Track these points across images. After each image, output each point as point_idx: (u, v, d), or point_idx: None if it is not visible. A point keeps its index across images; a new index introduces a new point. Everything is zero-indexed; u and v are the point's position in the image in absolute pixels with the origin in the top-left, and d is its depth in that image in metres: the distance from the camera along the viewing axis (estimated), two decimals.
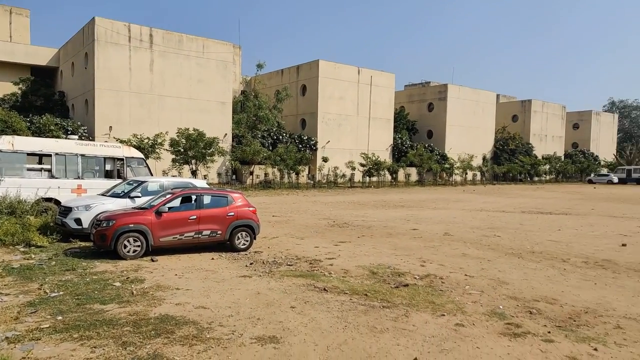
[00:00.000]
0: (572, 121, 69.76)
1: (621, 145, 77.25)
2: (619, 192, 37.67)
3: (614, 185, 51.92)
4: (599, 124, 71.27)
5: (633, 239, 12.63)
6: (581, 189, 41.37)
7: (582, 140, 69.79)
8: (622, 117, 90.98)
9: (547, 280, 8.07)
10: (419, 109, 54.02)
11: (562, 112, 65.42)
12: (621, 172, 56.88)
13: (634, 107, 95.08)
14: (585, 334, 5.48)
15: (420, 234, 13.32)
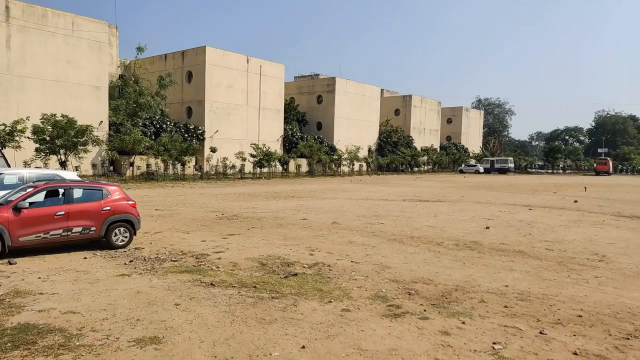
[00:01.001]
0: (446, 116, 76.80)
1: (486, 139, 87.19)
2: (484, 180, 42.54)
3: (481, 174, 58.54)
4: (468, 119, 79.50)
5: (495, 222, 14.34)
6: (454, 178, 45.88)
7: (455, 133, 77.29)
8: (487, 114, 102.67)
9: (424, 263, 8.79)
10: (309, 101, 55.11)
11: (437, 107, 71.66)
12: (486, 162, 64.34)
13: (497, 105, 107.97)
14: (455, 309, 6.07)
15: (310, 223, 13.62)
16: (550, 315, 5.90)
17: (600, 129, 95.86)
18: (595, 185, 36.45)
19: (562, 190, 29.61)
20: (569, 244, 10.88)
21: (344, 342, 4.91)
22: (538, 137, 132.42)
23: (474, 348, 4.81)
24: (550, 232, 12.58)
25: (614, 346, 4.95)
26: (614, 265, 8.87)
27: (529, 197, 24.03)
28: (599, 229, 13.39)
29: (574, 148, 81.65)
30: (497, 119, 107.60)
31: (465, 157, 69.14)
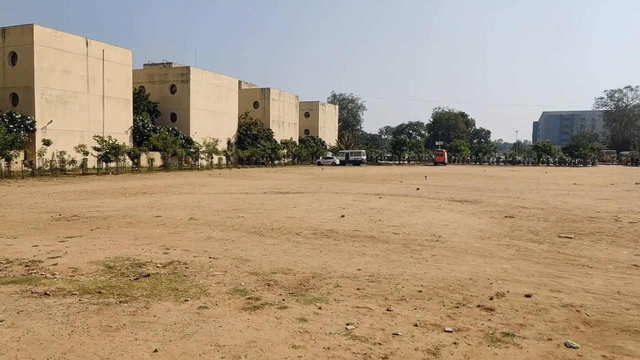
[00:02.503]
0: (304, 110, 79.51)
1: (341, 132, 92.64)
2: (340, 172, 45.20)
3: (337, 166, 62.06)
4: (325, 114, 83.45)
5: (349, 211, 15.33)
6: (312, 170, 47.83)
7: (313, 127, 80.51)
8: (342, 109, 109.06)
9: (284, 253, 8.99)
10: (161, 91, 52.04)
11: (296, 101, 73.75)
12: (342, 155, 68.44)
13: (350, 100, 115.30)
14: (313, 296, 6.33)
15: (164, 220, 12.91)
16: (396, 293, 6.52)
17: (437, 124, 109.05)
18: (434, 174, 41.42)
19: (406, 180, 32.98)
20: (412, 228, 12.16)
21: (200, 341, 4.76)
22: (387, 131, 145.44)
23: (329, 331, 5.07)
24: (396, 218, 13.91)
25: (447, 315, 5.68)
26: (448, 244, 10.17)
27: (379, 187, 26.24)
28: (436, 212, 15.23)
29: (417, 141, 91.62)
30: (351, 114, 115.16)
31: (323, 150, 72.60)
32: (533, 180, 33.97)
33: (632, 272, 7.82)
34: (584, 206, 17.06)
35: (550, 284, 7.01)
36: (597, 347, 4.74)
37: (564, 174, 43.66)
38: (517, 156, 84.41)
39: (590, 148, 76.47)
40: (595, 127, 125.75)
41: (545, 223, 13.06)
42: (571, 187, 27.09)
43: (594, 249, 9.64)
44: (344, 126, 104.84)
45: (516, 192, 22.84)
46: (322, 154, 70.54)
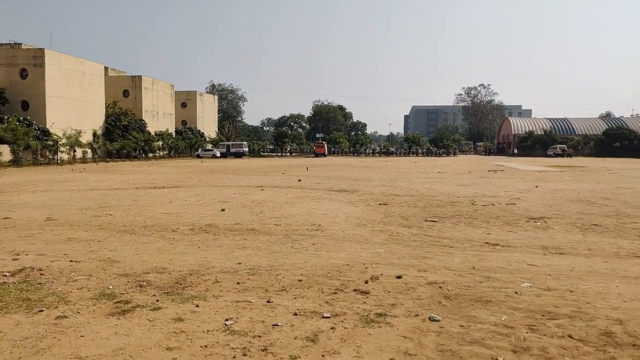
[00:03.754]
0: (180, 100, 75.95)
1: (221, 124, 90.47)
2: (221, 164, 44.17)
3: (218, 158, 60.55)
4: (203, 104, 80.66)
5: (230, 204, 15.05)
6: (191, 163, 46.02)
7: (190, 118, 77.34)
8: (221, 99, 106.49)
9: (158, 252, 8.50)
10: (9, 75, 45.64)
11: (171, 90, 70.10)
12: (222, 147, 66.92)
13: (230, 91, 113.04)
14: (190, 294, 6.09)
15: (14, 222, 11.37)
16: (276, 284, 6.56)
17: (317, 117, 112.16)
18: (315, 165, 42.62)
19: (289, 171, 33.44)
20: (293, 218, 12.35)
21: (58, 354, 4.27)
22: (268, 123, 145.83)
23: (207, 329, 4.92)
24: (278, 209, 14.02)
25: (326, 301, 5.87)
26: (327, 232, 10.53)
27: (261, 179, 26.21)
28: (317, 203, 15.68)
29: (298, 133, 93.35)
30: (231, 105, 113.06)
31: (202, 142, 70.24)
32: (404, 169, 36.81)
33: (485, 250, 8.89)
34: (446, 192, 18.95)
35: (418, 265, 7.65)
36: (455, 318, 5.29)
37: (430, 164, 48.05)
38: (391, 147, 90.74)
39: (452, 140, 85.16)
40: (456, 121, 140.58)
41: (414, 209, 14.23)
42: (436, 175, 29.91)
43: (454, 231, 10.76)
44: (224, 117, 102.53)
45: (389, 181, 24.53)
46: (201, 146, 68.20)
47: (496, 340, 4.72)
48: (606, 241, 9.60)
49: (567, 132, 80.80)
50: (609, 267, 7.60)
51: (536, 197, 17.09)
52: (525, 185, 21.97)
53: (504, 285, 6.56)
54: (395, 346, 4.56)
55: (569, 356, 4.37)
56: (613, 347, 4.57)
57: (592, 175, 29.99)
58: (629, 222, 11.86)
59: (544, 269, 7.42)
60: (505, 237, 10.07)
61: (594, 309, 5.59)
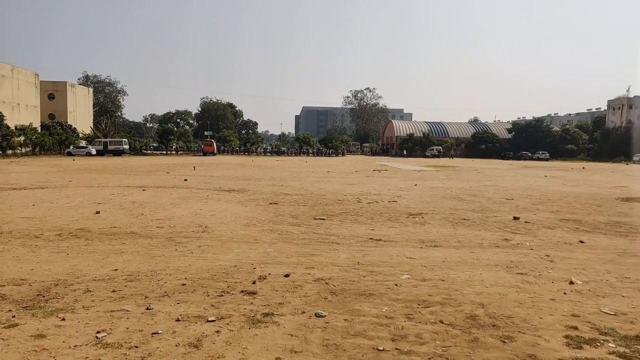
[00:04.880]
0: (47, 91, 68.59)
1: (98, 119, 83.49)
2: (97, 163, 40.71)
3: (93, 156, 55.71)
4: (75, 96, 73.69)
5: (107, 206, 13.93)
6: (60, 162, 41.73)
7: (59, 111, 70.18)
8: (97, 92, 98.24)
9: (16, 261, 7.56)
10: None
11: (35, 79, 62.94)
12: (99, 144, 61.74)
13: (108, 84, 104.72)
14: (54, 307, 5.50)
15: None
16: (157, 290, 6.21)
17: (205, 114, 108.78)
18: (203, 164, 41.32)
19: (174, 170, 31.97)
20: (177, 220, 11.82)
21: None
22: (152, 119, 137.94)
23: (74, 344, 4.48)
24: (162, 211, 13.31)
25: (211, 304, 5.70)
26: (214, 234, 10.25)
27: (143, 178, 24.69)
28: (204, 203, 15.20)
29: (185, 130, 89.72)
30: (109, 99, 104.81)
31: (74, 138, 64.22)
32: (295, 169, 37.35)
33: (369, 245, 9.35)
34: (334, 191, 19.61)
35: (306, 262, 7.79)
36: (340, 313, 5.48)
37: (320, 163, 49.39)
38: (282, 147, 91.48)
39: (341, 140, 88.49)
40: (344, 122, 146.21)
41: (304, 207, 14.49)
42: (326, 174, 30.82)
43: (341, 227, 11.17)
44: (101, 112, 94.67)
45: (280, 181, 24.70)
46: (73, 143, 62.22)
47: (377, 331, 4.98)
48: (473, 233, 10.69)
49: (443, 135, 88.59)
50: (474, 256, 8.46)
51: (415, 195, 18.46)
52: (406, 184, 23.61)
53: (385, 278, 6.96)
54: (281, 345, 4.58)
55: (440, 340, 4.77)
56: (477, 328, 5.09)
57: (462, 174, 33.25)
58: (492, 215, 13.35)
59: (421, 261, 8.02)
60: (388, 232, 10.70)
61: (461, 295, 6.19)
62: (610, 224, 12.20)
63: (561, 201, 17.05)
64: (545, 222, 12.32)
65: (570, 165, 54.82)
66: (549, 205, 15.77)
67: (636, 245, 9.75)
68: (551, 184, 25.32)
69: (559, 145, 78.19)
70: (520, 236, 10.48)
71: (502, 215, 13.37)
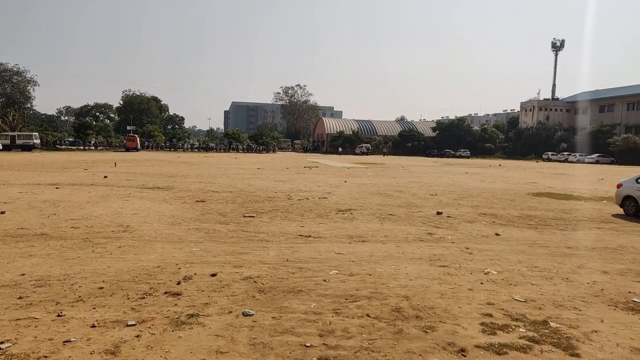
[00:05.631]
0: None
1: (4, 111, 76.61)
2: (2, 158, 37.30)
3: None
4: None
5: (12, 206, 12.81)
6: None
7: None
8: (4, 82, 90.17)
9: None
10: None
11: None
12: (5, 138, 56.70)
13: (15, 72, 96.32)
14: None
15: None
16: (71, 295, 5.81)
17: (127, 108, 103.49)
18: (125, 160, 39.30)
19: (93, 167, 30.12)
20: (95, 220, 11.14)
21: None
22: (67, 112, 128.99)
23: None
24: (77, 210, 12.48)
25: (131, 308, 5.43)
26: (136, 233, 9.78)
27: (57, 175, 23.02)
28: (125, 201, 14.45)
29: (105, 125, 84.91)
30: (17, 89, 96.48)
31: None
32: (224, 165, 36.61)
33: (298, 242, 9.38)
34: (265, 188, 19.46)
35: (233, 261, 7.65)
36: (268, 311, 5.44)
37: (250, 160, 48.81)
38: (211, 143, 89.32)
39: (271, 137, 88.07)
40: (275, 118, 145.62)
41: (232, 205, 14.23)
42: (256, 171, 30.51)
43: (271, 225, 11.10)
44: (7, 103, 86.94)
45: (208, 177, 24.09)
46: None
47: (305, 327, 5.00)
48: (399, 228, 11.08)
49: (371, 133, 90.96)
50: (400, 250, 8.77)
51: (345, 192, 18.79)
52: (336, 181, 23.98)
53: (314, 274, 7.01)
54: (206, 346, 4.47)
55: (366, 333, 4.89)
56: (401, 320, 5.27)
57: (390, 171, 34.37)
58: (417, 211, 13.91)
59: (349, 256, 8.18)
60: (317, 228, 10.79)
61: (387, 289, 6.38)
62: (522, 217, 13.17)
63: (480, 196, 18.14)
64: (466, 217, 13.05)
65: (488, 162, 58.52)
66: (469, 201, 16.72)
67: (544, 236, 10.60)
68: (471, 180, 26.88)
69: (479, 143, 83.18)
70: (442, 230, 11.01)
71: (427, 211, 13.97)
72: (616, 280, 7.11)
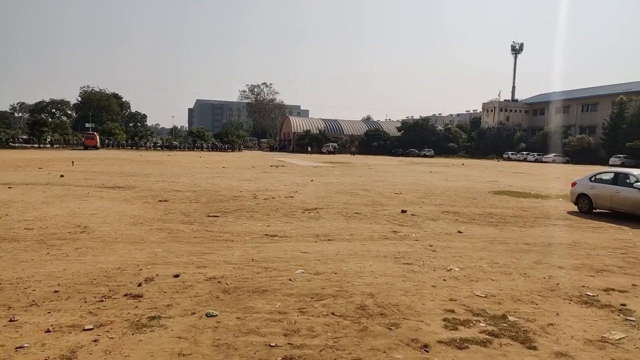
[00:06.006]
0: None
1: None
2: None
3: None
4: None
5: None
6: None
7: None
8: None
9: None
10: None
11: None
12: None
13: None
14: None
15: None
16: (24, 299, 5.57)
17: (86, 104, 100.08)
18: (84, 159, 38.00)
19: (48, 166, 28.99)
20: (51, 220, 10.73)
21: None
22: (21, 109, 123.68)
23: None
24: (31, 210, 11.99)
25: (89, 311, 5.25)
26: (95, 234, 9.48)
27: (9, 174, 22.03)
28: (83, 201, 13.98)
29: (62, 122, 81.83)
30: None
31: None
32: (188, 164, 35.95)
33: (264, 241, 9.32)
34: (230, 187, 19.24)
35: (197, 261, 7.53)
36: (233, 311, 5.38)
37: (215, 159, 48.13)
38: (174, 141, 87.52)
39: (237, 135, 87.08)
40: (241, 117, 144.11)
41: (196, 204, 14.00)
42: (221, 170, 30.12)
43: (236, 224, 10.99)
44: None
45: (171, 177, 23.61)
46: None
47: (270, 327, 4.97)
48: (364, 227, 11.18)
49: (338, 132, 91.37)
50: (365, 249, 8.85)
51: (311, 190, 18.80)
52: (303, 180, 23.97)
53: (279, 274, 6.98)
54: (168, 349, 4.37)
55: (331, 331, 4.91)
56: (366, 318, 5.32)
57: (356, 170, 34.64)
58: (382, 209, 14.07)
59: (315, 255, 8.19)
60: (283, 228, 10.76)
61: (352, 287, 6.43)
62: (483, 215, 13.53)
63: (443, 195, 18.53)
64: (430, 215, 13.30)
65: (451, 161, 59.85)
66: (432, 199, 17.05)
67: (504, 233, 10.94)
68: (435, 179, 27.42)
69: (443, 143, 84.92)
70: (407, 228, 11.18)
71: (392, 209, 14.15)
72: (571, 275, 7.41)
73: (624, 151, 56.35)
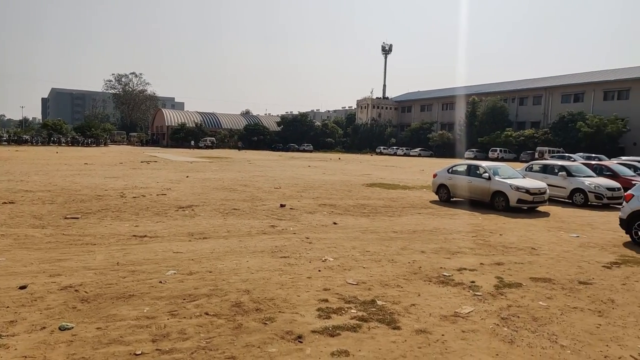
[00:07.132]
0: None
1: None
2: None
3: None
4: None
5: None
6: None
7: None
8: None
9: None
10: None
11: None
12: None
13: None
14: None
15: None
16: None
17: None
18: None
19: None
20: None
21: None
22: None
23: None
24: None
25: None
26: None
27: None
28: None
29: None
30: None
31: None
32: (42, 161, 32.20)
33: (132, 243, 8.72)
34: (93, 185, 17.66)
35: (50, 270, 6.77)
36: (92, 321, 4.93)
37: (76, 154, 43.80)
38: (24, 135, 77.70)
39: (102, 129, 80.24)
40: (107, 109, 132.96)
41: (51, 206, 12.60)
42: (83, 167, 27.51)
43: (99, 226, 10.12)
44: None
45: (20, 175, 20.93)
46: None
47: (136, 334, 4.66)
48: (242, 223, 11.06)
49: (216, 126, 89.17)
50: (242, 245, 8.76)
51: (186, 187, 18.08)
52: (177, 176, 22.94)
53: (149, 276, 6.59)
54: None
55: (204, 332, 4.76)
56: (241, 315, 5.26)
57: (235, 165, 34.17)
58: (261, 204, 14.07)
59: (189, 255, 7.88)
60: (154, 227, 10.18)
61: (228, 285, 6.31)
62: (357, 207, 14.26)
63: (321, 188, 19.13)
64: (307, 208, 13.62)
65: (329, 156, 62.07)
66: (310, 192, 17.50)
67: (375, 223, 11.64)
68: (313, 173, 28.20)
69: (321, 138, 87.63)
70: (285, 222, 11.31)
71: (270, 204, 14.22)
72: (431, 258, 8.15)
73: (477, 145, 63.57)
